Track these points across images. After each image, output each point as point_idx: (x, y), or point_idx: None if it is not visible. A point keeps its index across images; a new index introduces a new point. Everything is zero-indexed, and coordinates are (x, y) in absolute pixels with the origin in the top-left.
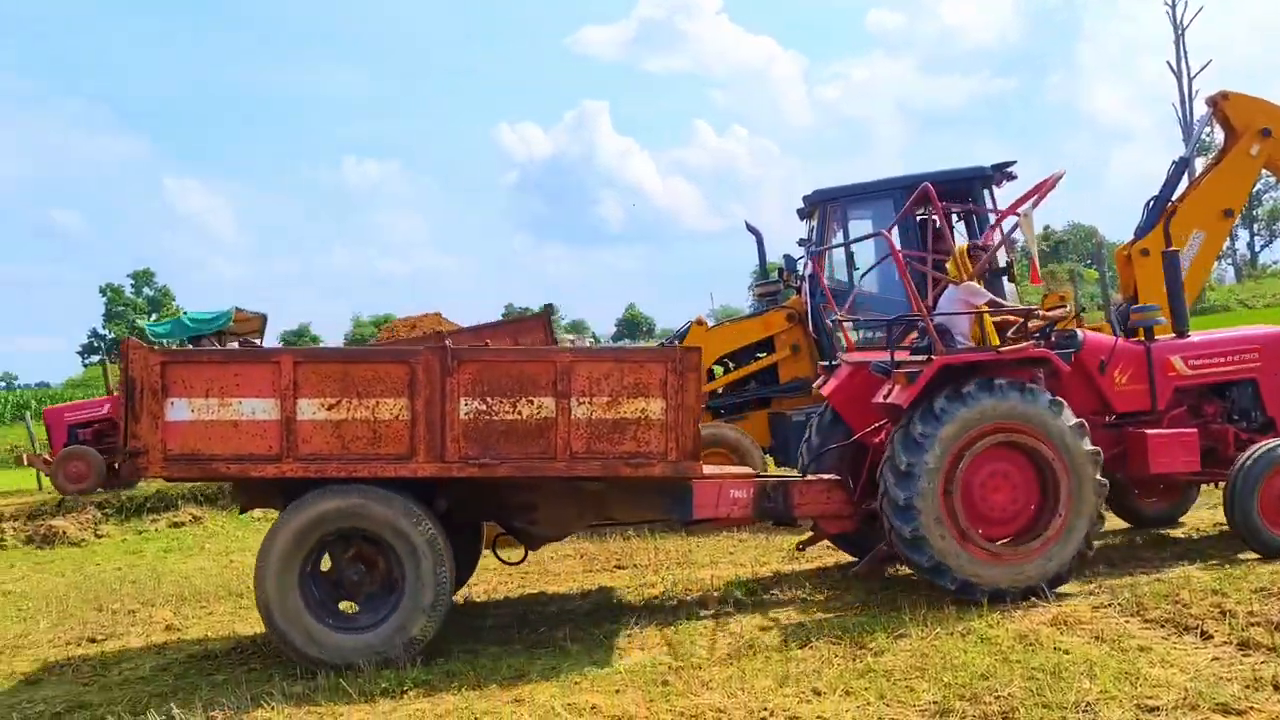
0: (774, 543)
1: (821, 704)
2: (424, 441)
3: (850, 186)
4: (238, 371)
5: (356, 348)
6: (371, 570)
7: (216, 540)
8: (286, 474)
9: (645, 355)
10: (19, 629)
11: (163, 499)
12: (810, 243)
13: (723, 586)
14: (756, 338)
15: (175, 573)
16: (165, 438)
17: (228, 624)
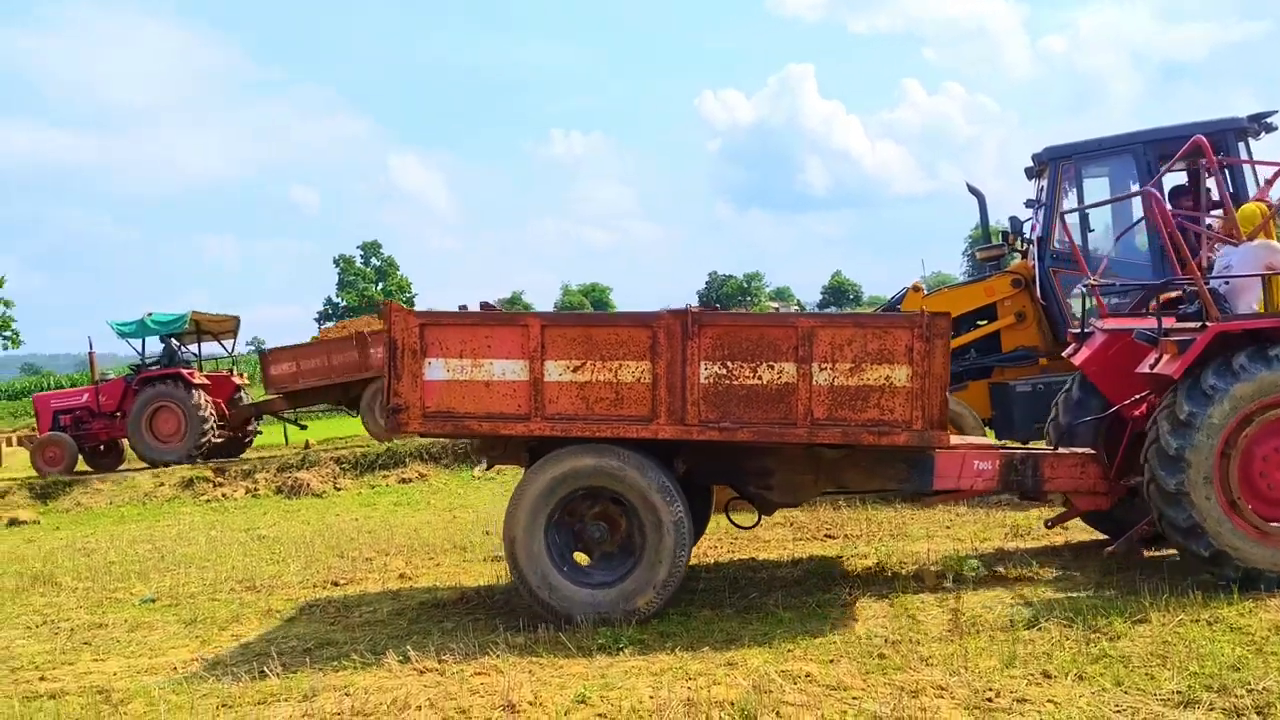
0: (994, 518)
1: (1052, 687)
2: (665, 404)
3: (1085, 143)
4: (489, 334)
5: (600, 312)
6: (613, 531)
7: (440, 496)
8: (534, 433)
9: (890, 321)
10: (273, 570)
11: (393, 456)
12: (1038, 203)
13: (940, 560)
14: (978, 304)
15: (405, 525)
16: (423, 396)
17: (454, 575)
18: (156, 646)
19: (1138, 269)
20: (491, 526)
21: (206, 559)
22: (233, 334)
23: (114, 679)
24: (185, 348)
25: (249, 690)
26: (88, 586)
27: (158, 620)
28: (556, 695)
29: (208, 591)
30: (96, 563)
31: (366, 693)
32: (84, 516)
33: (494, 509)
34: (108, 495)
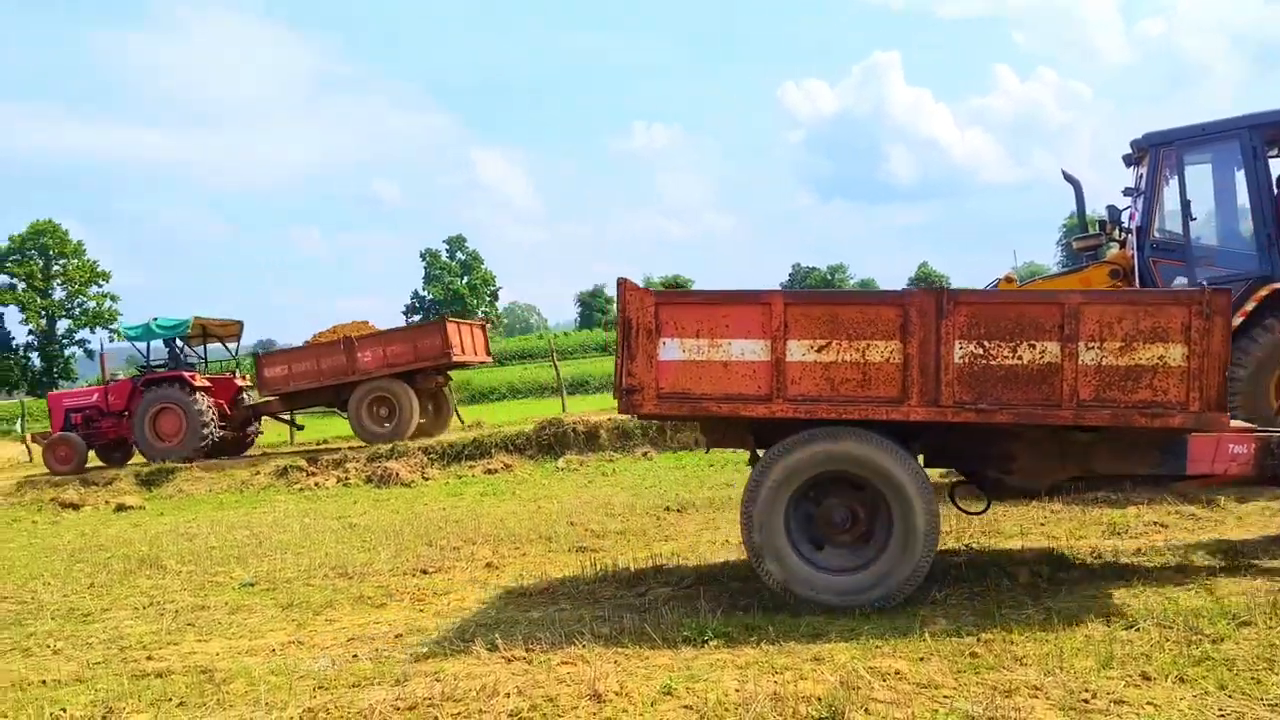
0: (1091, 515)
1: (1152, 689)
2: (917, 385)
3: (1188, 128)
4: (727, 313)
5: (846, 290)
6: (855, 517)
7: (525, 487)
8: (776, 414)
9: (1164, 298)
10: (364, 558)
11: (479, 447)
12: (1137, 191)
13: (1035, 559)
14: None
15: (491, 515)
16: (658, 376)
17: (539, 565)
18: (255, 629)
19: (1240, 258)
20: (575, 517)
21: (301, 545)
22: (236, 337)
23: (216, 659)
24: (192, 350)
25: (343, 673)
26: (190, 570)
27: (256, 604)
28: (642, 686)
29: (302, 577)
30: (198, 547)
31: (456, 679)
32: (186, 503)
33: (577, 500)
34: (207, 483)
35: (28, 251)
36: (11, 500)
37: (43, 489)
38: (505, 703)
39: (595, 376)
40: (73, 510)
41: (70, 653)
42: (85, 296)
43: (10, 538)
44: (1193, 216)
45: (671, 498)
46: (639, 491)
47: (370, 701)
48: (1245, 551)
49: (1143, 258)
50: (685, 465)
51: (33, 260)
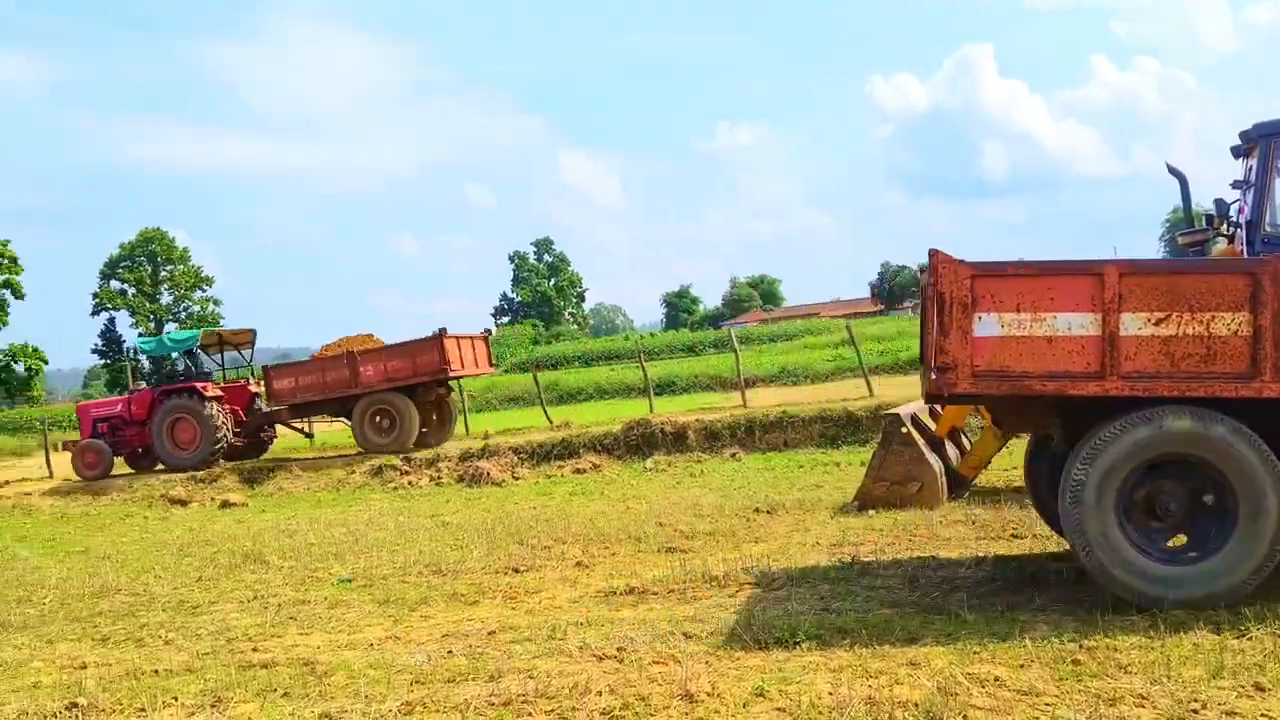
0: None
1: (1266, 701)
2: (1270, 360)
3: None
4: (1051, 285)
5: (1186, 259)
6: (1195, 506)
7: (614, 487)
8: (1110, 392)
9: None
10: (457, 556)
11: (568, 447)
12: (1247, 184)
13: None
14: None
15: (580, 515)
16: (973, 353)
17: (629, 565)
18: (354, 623)
19: None
20: (664, 518)
21: (395, 543)
22: (250, 345)
23: (317, 652)
24: (210, 357)
25: (439, 668)
26: (291, 565)
27: (354, 599)
28: (734, 687)
29: (398, 574)
30: (298, 543)
31: (549, 676)
32: (285, 500)
33: (666, 501)
34: (306, 481)
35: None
36: (124, 496)
37: (153, 485)
38: (598, 701)
39: (682, 377)
40: (181, 507)
41: (181, 643)
42: (190, 301)
43: (124, 532)
44: None
45: (760, 499)
46: (727, 493)
47: (465, 696)
48: None
49: (1253, 253)
50: (774, 466)
51: (142, 266)
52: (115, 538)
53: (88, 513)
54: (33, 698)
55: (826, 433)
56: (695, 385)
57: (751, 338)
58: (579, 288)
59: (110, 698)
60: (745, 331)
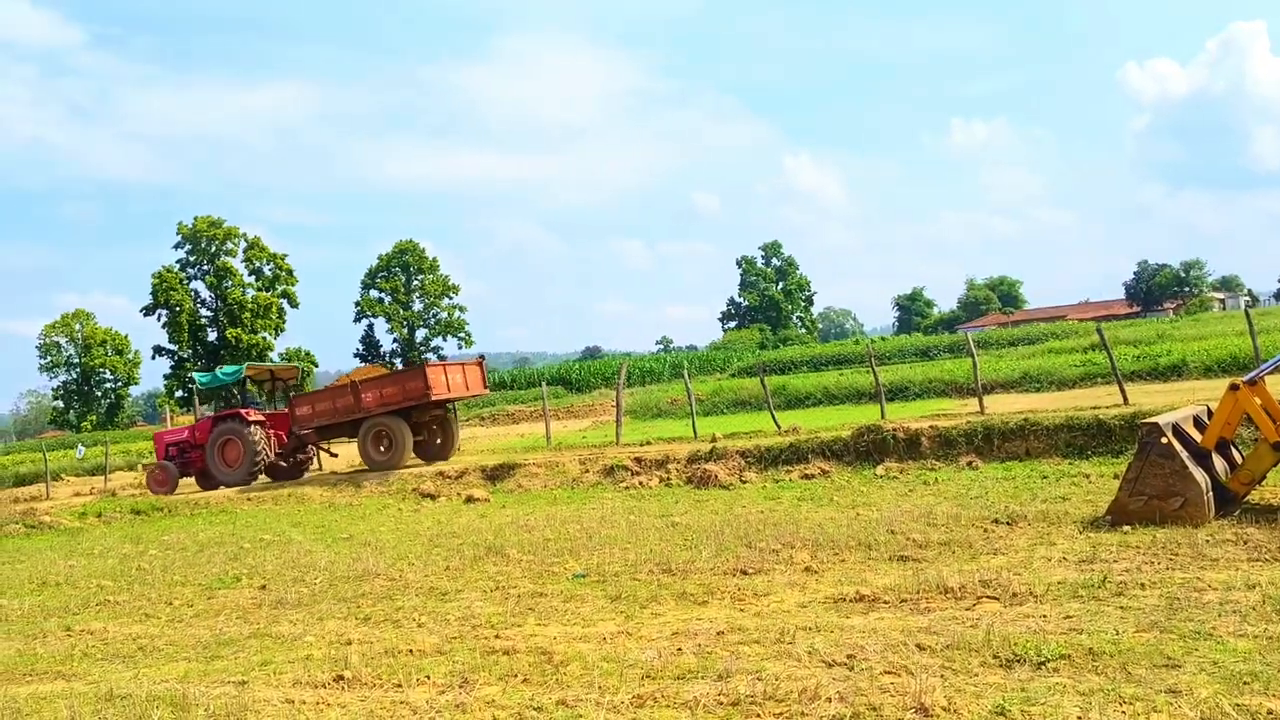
0: None
1: None
2: None
3: None
4: None
5: None
6: None
7: (843, 494)
8: None
9: None
10: (686, 555)
11: (796, 452)
12: None
13: None
14: None
15: (809, 520)
16: None
17: (859, 572)
18: (587, 617)
19: None
20: (895, 526)
21: (627, 541)
22: (296, 378)
23: (554, 642)
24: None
25: (669, 665)
26: (530, 559)
27: (587, 594)
28: (972, 703)
29: (629, 571)
30: (536, 539)
31: (777, 679)
32: (524, 497)
33: (897, 509)
34: (543, 479)
35: (393, 269)
36: (381, 490)
37: (406, 480)
38: (827, 707)
39: (914, 382)
40: (430, 500)
41: (432, 626)
42: (439, 308)
43: (381, 522)
44: None
45: (999, 509)
46: (963, 502)
47: (695, 694)
48: None
49: None
50: (1014, 476)
51: (397, 276)
52: (374, 526)
53: (351, 503)
54: (305, 668)
55: (1074, 442)
56: (928, 391)
57: (990, 341)
58: (807, 291)
59: (371, 672)
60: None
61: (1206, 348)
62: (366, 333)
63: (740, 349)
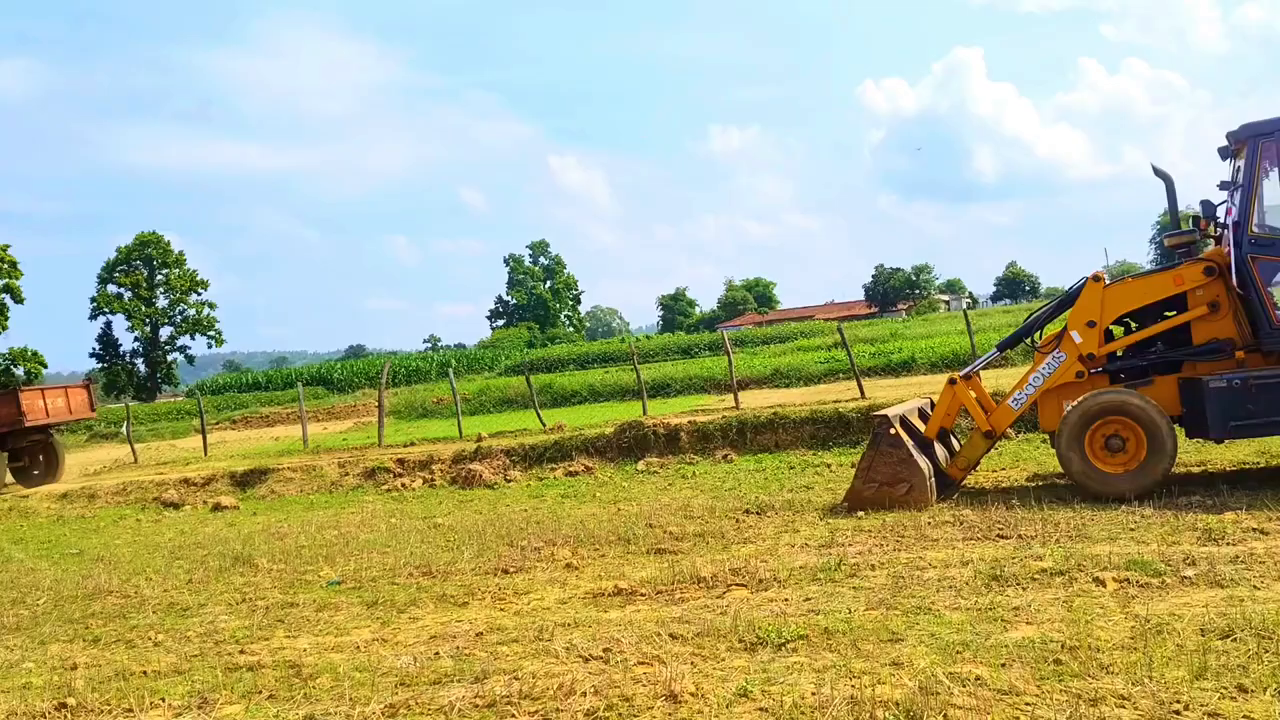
0: (1185, 520)
1: (1249, 703)
2: None
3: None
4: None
5: None
6: None
7: (606, 490)
8: None
9: None
10: (448, 557)
11: (560, 449)
12: (1234, 185)
13: (1124, 564)
14: (1166, 294)
15: (571, 517)
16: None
17: (618, 567)
18: (342, 626)
19: None
20: (654, 520)
21: (387, 545)
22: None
23: (304, 654)
24: None
25: (425, 670)
26: (281, 568)
27: (343, 601)
28: (719, 687)
29: (388, 576)
30: (289, 546)
31: (534, 677)
32: (278, 503)
33: (657, 503)
34: (298, 484)
35: (134, 262)
36: (118, 500)
37: (146, 489)
38: (581, 702)
39: (676, 379)
40: (173, 510)
41: (170, 645)
42: (186, 304)
43: (117, 535)
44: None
45: (751, 500)
46: (718, 494)
47: (450, 698)
48: None
49: (1240, 254)
50: (765, 468)
51: (138, 270)
52: (109, 540)
53: (83, 516)
54: (23, 698)
55: (818, 434)
56: (689, 387)
57: (746, 340)
58: (575, 290)
59: (99, 698)
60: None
61: (933, 345)
62: (104, 331)
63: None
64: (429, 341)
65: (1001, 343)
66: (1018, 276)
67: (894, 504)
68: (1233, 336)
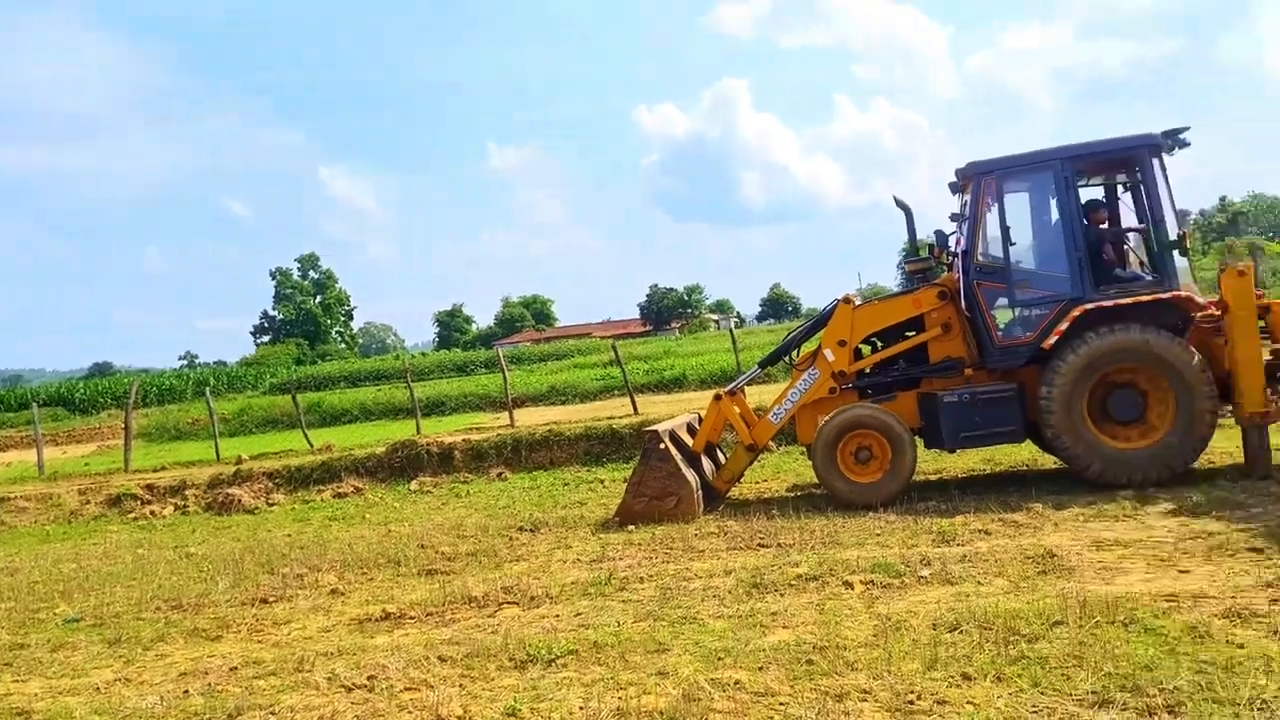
0: (923, 524)
1: (972, 689)
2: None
3: (1007, 158)
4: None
5: None
6: None
7: (376, 511)
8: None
9: None
10: (200, 589)
11: (328, 470)
12: (962, 217)
13: (870, 567)
14: (906, 316)
15: (339, 540)
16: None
17: (387, 590)
18: (79, 667)
19: (1057, 281)
20: (426, 540)
21: (132, 578)
22: None
23: (34, 700)
24: None
25: (172, 710)
26: (10, 607)
27: (81, 640)
28: (486, 708)
29: (132, 611)
30: (19, 582)
31: (292, 711)
32: (8, 537)
33: (429, 523)
34: (32, 515)
35: None
36: None
37: None
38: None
39: (451, 397)
40: None
41: None
42: None
43: None
44: (1012, 242)
45: (524, 518)
46: (492, 512)
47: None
48: (1059, 555)
49: (968, 281)
50: (540, 485)
51: None
52: None
53: None
54: None
55: (592, 450)
56: (465, 405)
57: (523, 357)
58: (347, 306)
59: None
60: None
61: (703, 362)
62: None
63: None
64: (185, 358)
65: (762, 360)
66: (781, 297)
67: (663, 517)
68: (963, 355)
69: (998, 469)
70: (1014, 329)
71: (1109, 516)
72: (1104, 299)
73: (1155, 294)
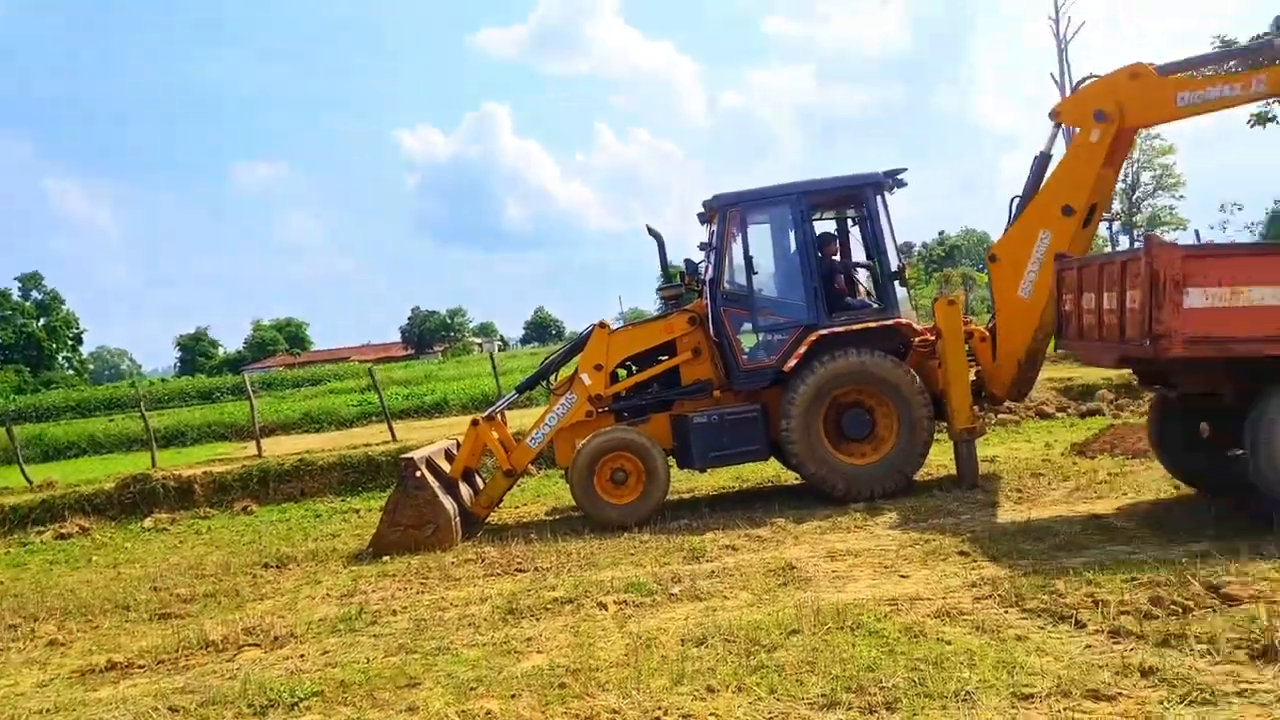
0: (675, 543)
1: (715, 701)
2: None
3: (749, 192)
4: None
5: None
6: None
7: (104, 552)
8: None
9: None
10: None
11: (49, 509)
12: (710, 246)
13: (624, 587)
14: (659, 341)
15: (60, 586)
16: (1184, 323)
17: (113, 638)
18: None
19: (795, 309)
20: (160, 582)
21: None
22: None
23: None
24: None
25: None
26: None
27: None
28: None
29: None
30: None
31: None
32: None
33: (165, 564)
34: None
35: None
36: None
37: None
38: None
39: (193, 426)
40: None
41: None
42: None
43: None
44: (754, 271)
45: (271, 553)
46: (236, 549)
47: None
48: (798, 566)
49: (715, 307)
50: (290, 517)
51: None
52: None
53: None
54: None
55: (346, 479)
56: (208, 435)
57: (275, 383)
58: (75, 329)
59: None
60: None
61: (464, 387)
62: None
63: None
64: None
65: (520, 385)
66: (545, 321)
67: (420, 545)
68: (711, 378)
69: (745, 485)
70: (757, 353)
71: (842, 528)
72: (836, 325)
73: (880, 321)
